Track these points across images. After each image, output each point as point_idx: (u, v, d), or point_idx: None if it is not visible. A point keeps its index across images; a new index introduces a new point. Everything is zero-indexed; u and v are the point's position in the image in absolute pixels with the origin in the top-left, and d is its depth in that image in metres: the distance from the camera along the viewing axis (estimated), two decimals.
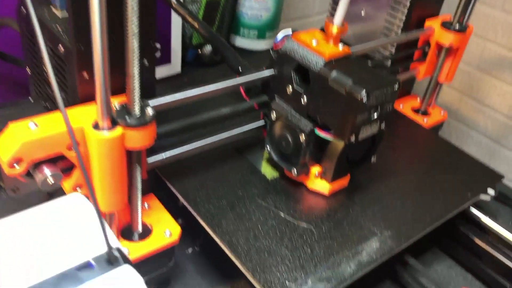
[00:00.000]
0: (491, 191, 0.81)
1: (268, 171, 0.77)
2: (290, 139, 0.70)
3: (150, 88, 0.62)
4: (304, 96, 0.67)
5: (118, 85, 0.57)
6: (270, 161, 0.78)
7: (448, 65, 0.96)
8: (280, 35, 0.74)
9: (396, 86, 0.63)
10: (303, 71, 0.67)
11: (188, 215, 0.70)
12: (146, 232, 0.66)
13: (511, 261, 0.78)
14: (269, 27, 1.17)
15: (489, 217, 0.81)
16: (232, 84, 0.69)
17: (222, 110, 0.70)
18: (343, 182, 0.75)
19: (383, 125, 0.67)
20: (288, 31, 0.74)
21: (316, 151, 0.70)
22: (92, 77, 0.48)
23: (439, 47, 0.94)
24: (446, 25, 0.91)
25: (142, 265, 0.65)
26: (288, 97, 0.70)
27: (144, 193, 0.71)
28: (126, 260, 0.32)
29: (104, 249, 0.32)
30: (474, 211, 0.82)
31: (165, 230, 0.66)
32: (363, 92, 0.59)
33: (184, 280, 0.75)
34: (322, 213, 0.71)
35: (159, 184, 0.74)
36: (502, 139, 1.10)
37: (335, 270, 0.62)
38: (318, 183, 0.73)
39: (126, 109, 0.54)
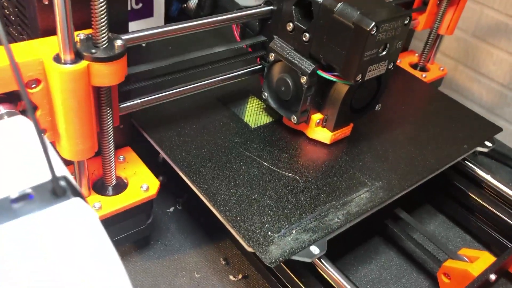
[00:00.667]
0: (488, 143, 0.76)
1: (252, 119, 0.71)
2: (290, 83, 0.64)
3: (122, 23, 0.55)
4: (306, 33, 0.61)
5: (85, 19, 0.50)
6: (253, 103, 0.73)
7: (449, 15, 0.89)
8: None
9: (408, 19, 0.57)
10: (305, 5, 0.61)
11: (170, 173, 0.65)
12: (121, 186, 0.60)
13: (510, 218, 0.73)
14: None
15: (485, 170, 0.76)
16: (224, 18, 0.62)
17: (212, 49, 0.63)
18: (346, 131, 0.70)
19: (391, 65, 0.61)
20: None
21: (318, 97, 0.65)
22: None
23: None
24: None
25: (117, 222, 0.60)
26: (289, 36, 0.64)
27: (121, 145, 0.65)
28: (75, 192, 0.26)
29: (48, 177, 0.26)
30: (469, 164, 0.77)
31: (142, 184, 0.60)
32: (372, 24, 0.54)
33: (165, 240, 0.70)
34: (309, 163, 0.66)
35: (139, 139, 0.68)
36: (496, 109, 1.07)
37: (322, 221, 0.57)
38: (319, 131, 0.68)
39: (92, 41, 0.48)
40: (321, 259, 0.56)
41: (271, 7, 0.65)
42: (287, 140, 0.69)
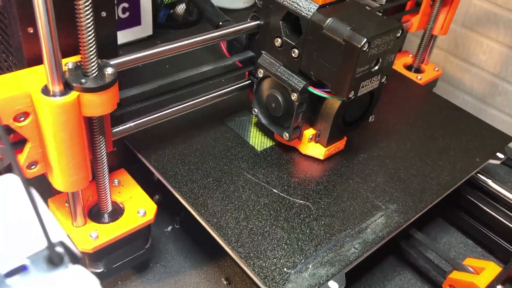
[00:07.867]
0: (500, 155, 0.72)
1: (257, 141, 0.68)
2: (280, 100, 0.62)
3: (111, 47, 0.53)
4: (295, 49, 0.59)
5: (73, 44, 0.48)
6: (258, 125, 0.70)
7: (443, 16, 0.88)
8: None
9: (400, 32, 0.55)
10: (293, 20, 0.58)
11: (166, 190, 0.63)
12: (117, 212, 0.58)
13: None
14: None
15: (498, 183, 0.73)
16: (211, 36, 0.60)
17: (200, 68, 0.60)
18: (339, 145, 0.68)
19: (384, 79, 0.59)
20: None
21: (310, 112, 0.63)
22: None
23: None
24: None
25: (115, 249, 0.58)
26: (277, 52, 0.61)
27: (114, 168, 0.63)
28: (74, 258, 0.25)
29: (43, 244, 0.24)
30: (481, 176, 0.74)
31: (138, 209, 0.58)
32: (364, 41, 0.51)
33: (165, 262, 0.68)
34: (319, 186, 0.63)
35: (131, 157, 0.66)
36: (488, 98, 1.06)
37: (338, 252, 0.54)
38: (312, 147, 0.66)
39: (81, 70, 0.46)
40: None
41: (258, 22, 0.62)
42: (296, 162, 0.66)
